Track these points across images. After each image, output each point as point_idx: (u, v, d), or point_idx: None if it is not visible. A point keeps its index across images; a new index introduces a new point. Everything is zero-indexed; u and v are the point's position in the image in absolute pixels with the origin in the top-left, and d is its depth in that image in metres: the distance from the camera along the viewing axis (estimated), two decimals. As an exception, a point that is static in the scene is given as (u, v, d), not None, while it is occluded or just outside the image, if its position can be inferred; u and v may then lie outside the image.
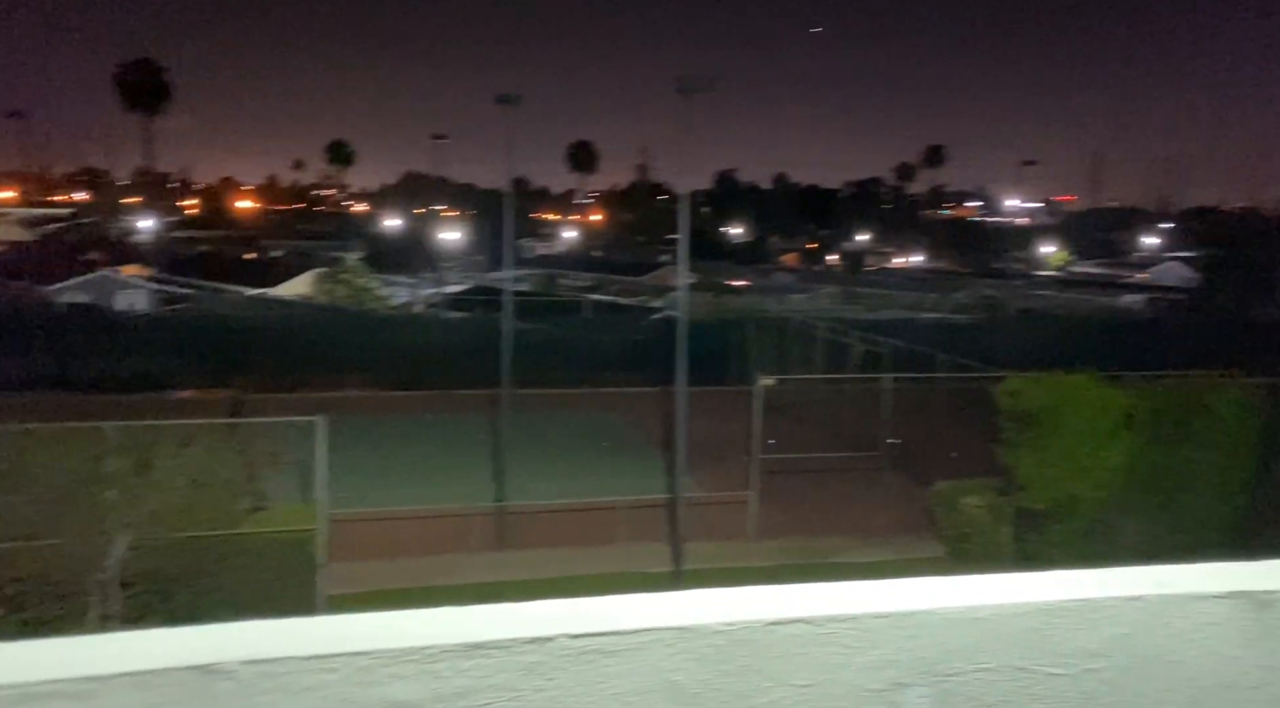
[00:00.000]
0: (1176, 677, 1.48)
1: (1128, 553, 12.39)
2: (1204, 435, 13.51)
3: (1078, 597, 1.46)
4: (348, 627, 1.20)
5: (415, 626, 1.22)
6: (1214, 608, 1.50)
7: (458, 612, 1.27)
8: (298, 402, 19.36)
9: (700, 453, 16.82)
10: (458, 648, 1.18)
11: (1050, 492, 12.98)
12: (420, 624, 1.22)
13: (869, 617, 1.39)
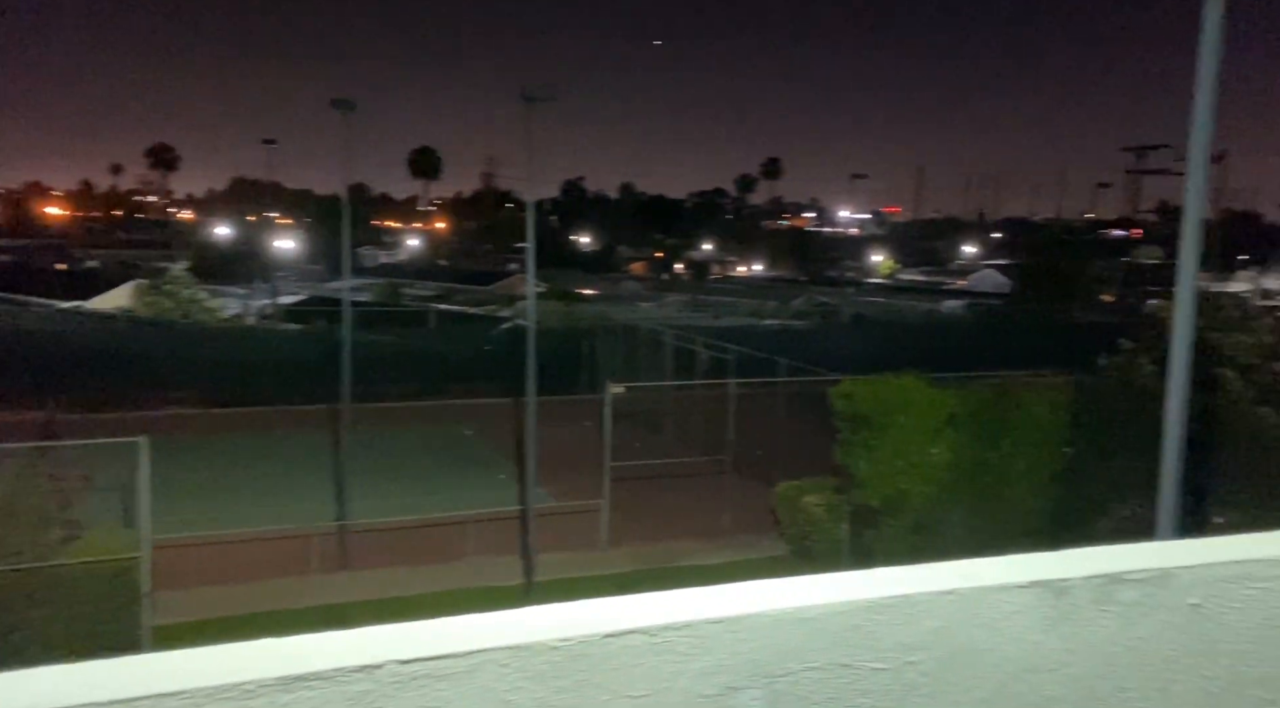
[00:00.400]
0: (986, 663, 1.58)
1: (954, 544, 13.18)
2: (1019, 432, 14.52)
3: (897, 593, 1.53)
4: (153, 666, 1.13)
5: (229, 660, 1.15)
6: (1018, 597, 1.61)
7: (277, 643, 1.20)
8: (118, 422, 18.08)
9: (552, 463, 16.75)
10: (276, 682, 1.12)
11: (883, 489, 13.65)
12: (234, 658, 1.15)
13: (703, 623, 1.42)
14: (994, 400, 14.82)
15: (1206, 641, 1.73)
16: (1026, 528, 13.83)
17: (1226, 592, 1.75)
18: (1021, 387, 15.43)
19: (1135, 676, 1.68)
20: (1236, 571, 1.76)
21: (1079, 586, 1.65)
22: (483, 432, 21.83)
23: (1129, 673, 1.67)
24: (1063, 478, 14.46)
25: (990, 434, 14.39)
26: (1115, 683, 1.66)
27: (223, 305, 36.24)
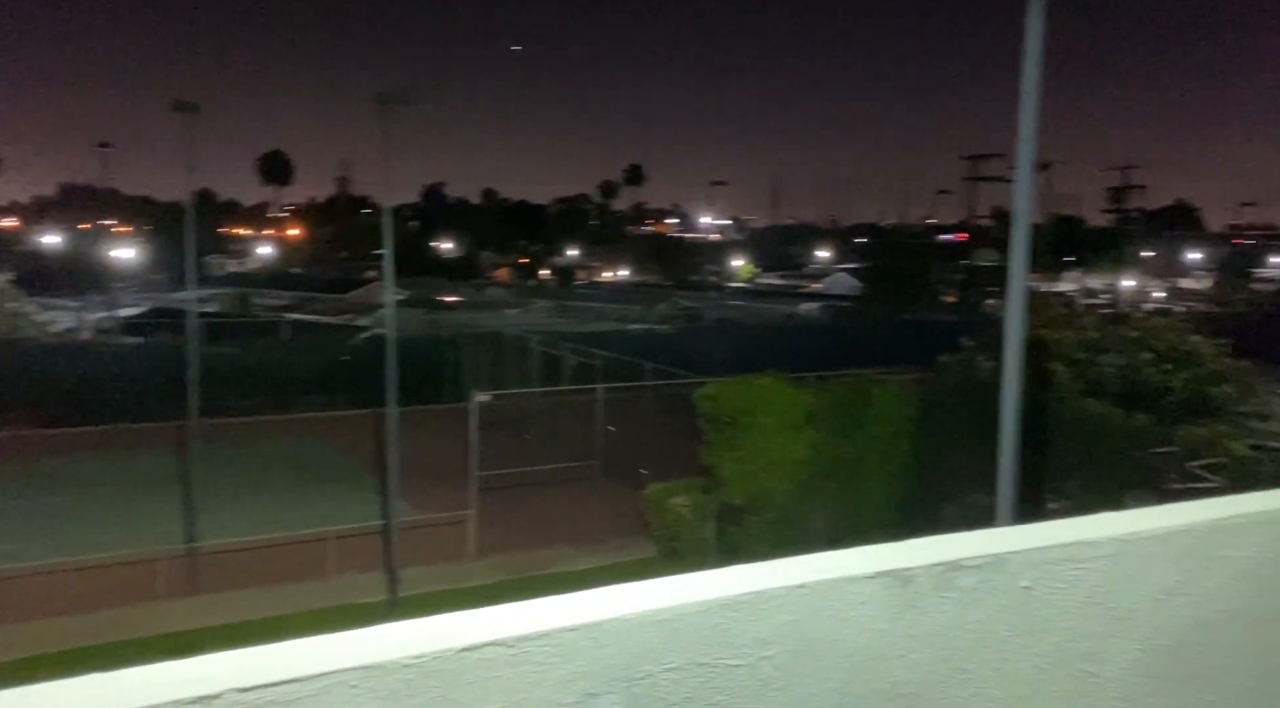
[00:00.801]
0: (836, 653, 1.63)
1: (814, 537, 13.64)
2: (871, 427, 15.14)
3: (752, 589, 1.57)
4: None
5: (49, 700, 1.06)
6: (865, 588, 1.67)
7: (104, 678, 1.12)
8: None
9: (417, 475, 16.37)
10: (102, 722, 1.05)
11: (747, 487, 13.99)
12: (52, 698, 1.07)
13: (560, 631, 1.41)
14: (848, 398, 15.41)
15: (1037, 619, 1.85)
16: (880, 519, 14.43)
17: (1053, 573, 1.87)
18: (873, 384, 16.12)
19: (974, 657, 1.77)
20: (1061, 553, 1.89)
21: (922, 574, 1.73)
22: (343, 445, 21.11)
23: (968, 655, 1.76)
24: (912, 470, 15.17)
25: (846, 431, 14.95)
26: (956, 665, 1.75)
27: (53, 320, 33.74)
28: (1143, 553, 1.97)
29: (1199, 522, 2.05)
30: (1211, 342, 15.89)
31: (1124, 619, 1.94)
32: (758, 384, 14.55)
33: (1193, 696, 2.03)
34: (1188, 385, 15.26)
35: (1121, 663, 1.93)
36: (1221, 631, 2.05)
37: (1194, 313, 35.51)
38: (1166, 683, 1.99)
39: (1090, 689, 1.90)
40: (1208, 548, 2.05)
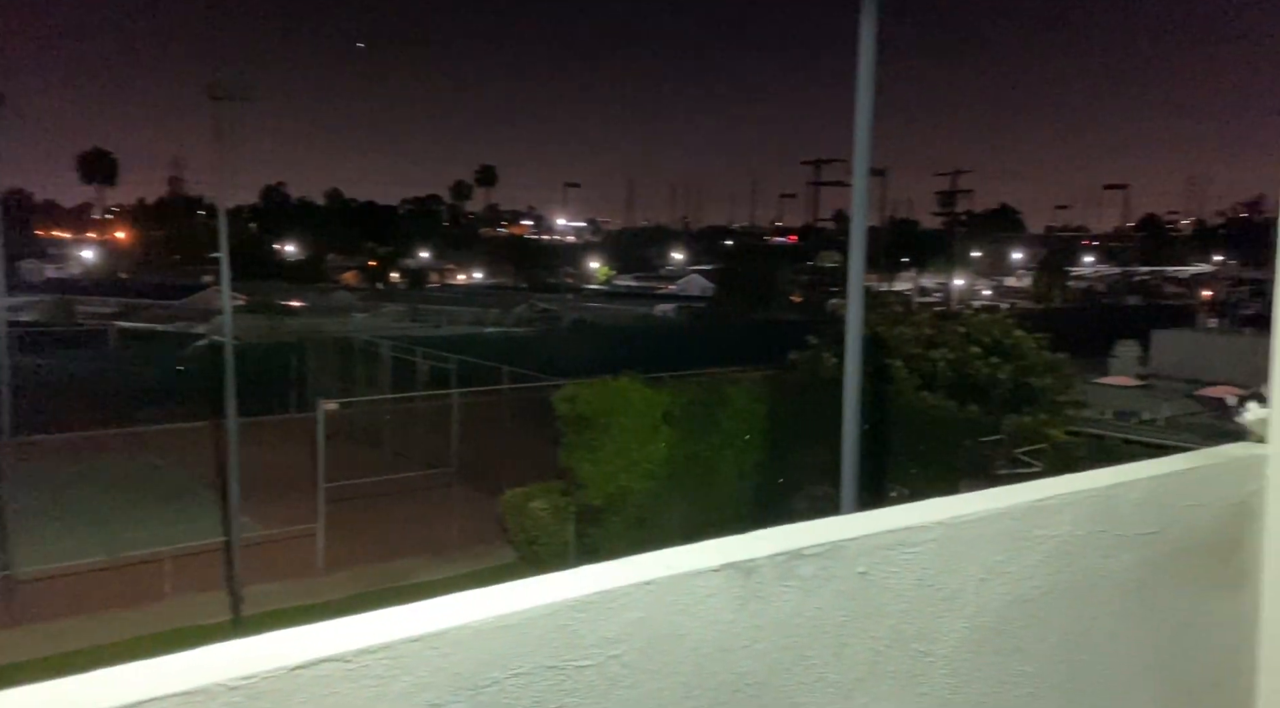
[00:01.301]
0: (683, 648, 1.65)
1: (672, 534, 13.81)
2: (725, 425, 15.51)
3: (600, 589, 1.57)
4: None
5: None
6: (711, 581, 1.70)
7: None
8: None
9: (261, 488, 15.64)
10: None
11: (606, 488, 14.06)
12: None
13: (402, 643, 1.37)
14: (704, 397, 15.74)
15: (873, 604, 1.93)
16: (736, 513, 14.80)
17: (888, 558, 1.96)
18: (727, 383, 16.52)
19: (814, 643, 1.83)
20: (894, 538, 1.98)
21: (765, 564, 1.78)
22: (179, 460, 19.93)
23: (809, 642, 1.82)
24: (765, 465, 15.63)
25: (702, 429, 15.26)
26: (797, 653, 1.81)
27: None
28: (968, 535, 2.09)
29: (1017, 504, 2.19)
30: (1033, 336, 17.08)
31: (952, 599, 2.05)
32: (615, 386, 14.65)
33: (1014, 668, 2.16)
34: (1013, 377, 16.35)
35: (950, 641, 2.04)
36: (1037, 605, 2.20)
37: (1017, 309, 38.10)
38: (990, 657, 2.12)
39: (923, 668, 2.00)
40: (1025, 528, 2.19)
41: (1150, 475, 2.48)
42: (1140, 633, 2.45)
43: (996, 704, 2.13)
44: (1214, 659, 2.68)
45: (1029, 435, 14.34)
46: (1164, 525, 2.48)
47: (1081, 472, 2.49)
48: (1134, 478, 2.44)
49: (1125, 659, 2.42)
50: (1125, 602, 2.40)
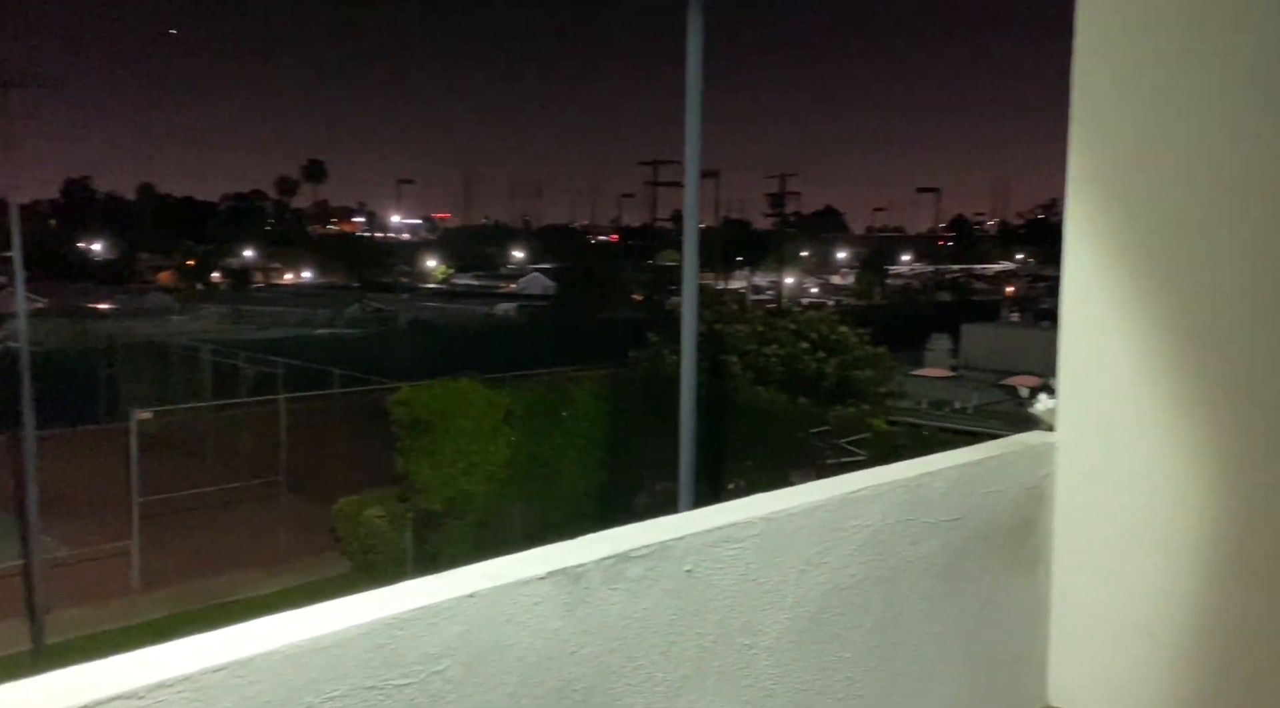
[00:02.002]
0: (510, 658, 1.64)
1: (517, 536, 13.74)
2: (569, 424, 15.52)
3: (420, 605, 1.53)
4: None
5: None
6: (538, 589, 1.69)
7: None
8: None
9: (67, 505, 14.46)
10: None
11: (445, 492, 13.79)
12: None
13: (204, 673, 1.29)
14: (546, 397, 15.69)
15: (699, 601, 1.97)
16: (580, 511, 14.83)
17: (713, 555, 2.01)
18: (569, 382, 16.54)
19: (642, 645, 1.85)
20: (718, 535, 2.03)
21: (593, 569, 1.78)
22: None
23: (637, 643, 1.84)
24: (608, 463, 15.75)
25: (544, 429, 15.21)
26: (625, 654, 1.82)
27: None
28: (788, 529, 2.17)
29: (833, 497, 2.30)
30: (856, 331, 17.96)
31: (774, 592, 2.12)
32: (454, 387, 14.38)
33: (833, 654, 2.26)
34: (838, 371, 17.15)
35: (773, 633, 2.12)
36: (853, 593, 2.31)
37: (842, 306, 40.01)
38: (811, 646, 2.21)
39: (748, 661, 2.06)
40: (840, 520, 2.29)
41: (954, 465, 2.65)
42: (947, 614, 2.61)
43: (818, 691, 2.22)
44: (1013, 634, 2.90)
45: (853, 426, 15.06)
46: (966, 512, 2.66)
47: (899, 461, 2.63)
48: (939, 468, 2.59)
49: (934, 639, 2.57)
50: (933, 585, 2.55)
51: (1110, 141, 2.89)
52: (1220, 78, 2.67)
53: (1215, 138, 2.69)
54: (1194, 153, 2.73)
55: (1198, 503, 2.73)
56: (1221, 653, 2.72)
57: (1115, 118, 2.87)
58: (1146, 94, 2.81)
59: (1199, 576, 2.74)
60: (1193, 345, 2.74)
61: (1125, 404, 2.86)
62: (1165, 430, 2.78)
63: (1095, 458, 2.92)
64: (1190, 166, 2.74)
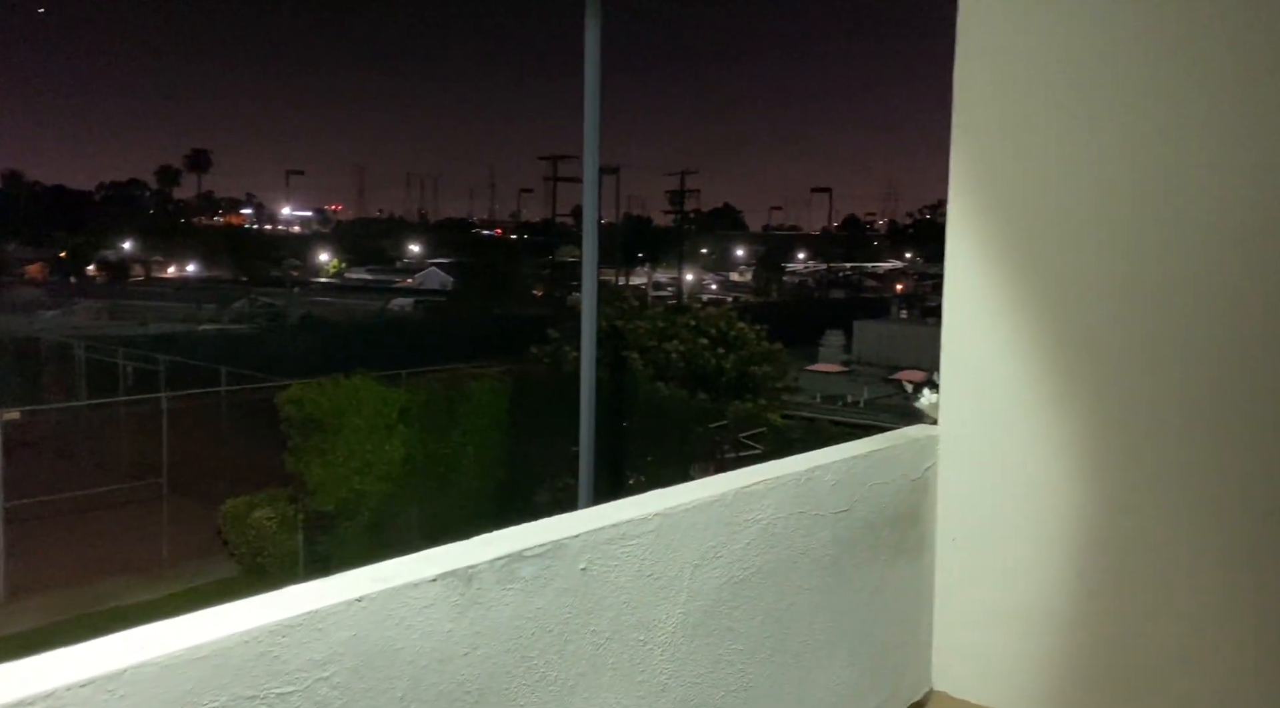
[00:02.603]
0: (400, 662, 1.60)
1: (414, 536, 13.49)
2: (467, 422, 15.31)
3: (305, 610, 1.48)
4: None
5: None
6: (429, 591, 1.66)
7: None
8: None
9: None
10: None
11: (338, 492, 13.43)
12: None
13: (68, 690, 1.22)
14: (444, 394, 15.42)
15: (594, 599, 1.97)
16: (479, 510, 14.66)
17: (608, 553, 2.01)
18: (467, 378, 16.30)
19: (536, 644, 1.84)
20: (615, 532, 2.03)
21: (485, 570, 1.76)
22: None
23: (531, 643, 1.83)
24: (508, 460, 15.61)
25: (442, 427, 14.95)
26: (519, 654, 1.81)
27: None
28: (684, 525, 2.19)
29: (727, 491, 2.33)
30: (753, 328, 18.28)
31: (669, 587, 2.14)
32: (347, 384, 14.00)
33: (727, 646, 2.30)
34: (736, 366, 17.42)
35: (668, 627, 2.13)
36: (746, 586, 2.35)
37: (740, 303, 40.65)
38: (704, 639, 2.23)
39: (642, 656, 2.07)
40: (735, 514, 2.33)
41: (843, 458, 2.72)
42: (836, 603, 2.68)
43: (711, 683, 2.25)
44: (899, 621, 2.99)
45: (751, 421, 15.33)
46: (855, 503, 2.73)
47: (794, 454, 2.69)
48: (829, 461, 2.66)
49: (824, 629, 2.64)
50: (823, 576, 2.62)
51: (989, 145, 3.01)
52: (1097, 84, 2.82)
53: (1090, 142, 2.83)
54: (1070, 156, 2.87)
55: (1070, 493, 2.88)
56: (1092, 635, 2.87)
57: (994, 122, 3.00)
58: (1024, 99, 2.94)
59: (1070, 561, 2.89)
60: (1066, 343, 2.88)
61: (1003, 399, 2.99)
62: (1040, 424, 2.92)
63: (975, 450, 3.04)
64: (1066, 170, 2.87)
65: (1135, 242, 2.76)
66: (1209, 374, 2.65)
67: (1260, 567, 2.61)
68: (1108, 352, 2.81)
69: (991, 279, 3.00)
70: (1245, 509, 2.62)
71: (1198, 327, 2.66)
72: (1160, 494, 2.74)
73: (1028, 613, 2.96)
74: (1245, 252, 2.59)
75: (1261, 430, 2.58)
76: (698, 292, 61.86)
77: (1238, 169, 2.59)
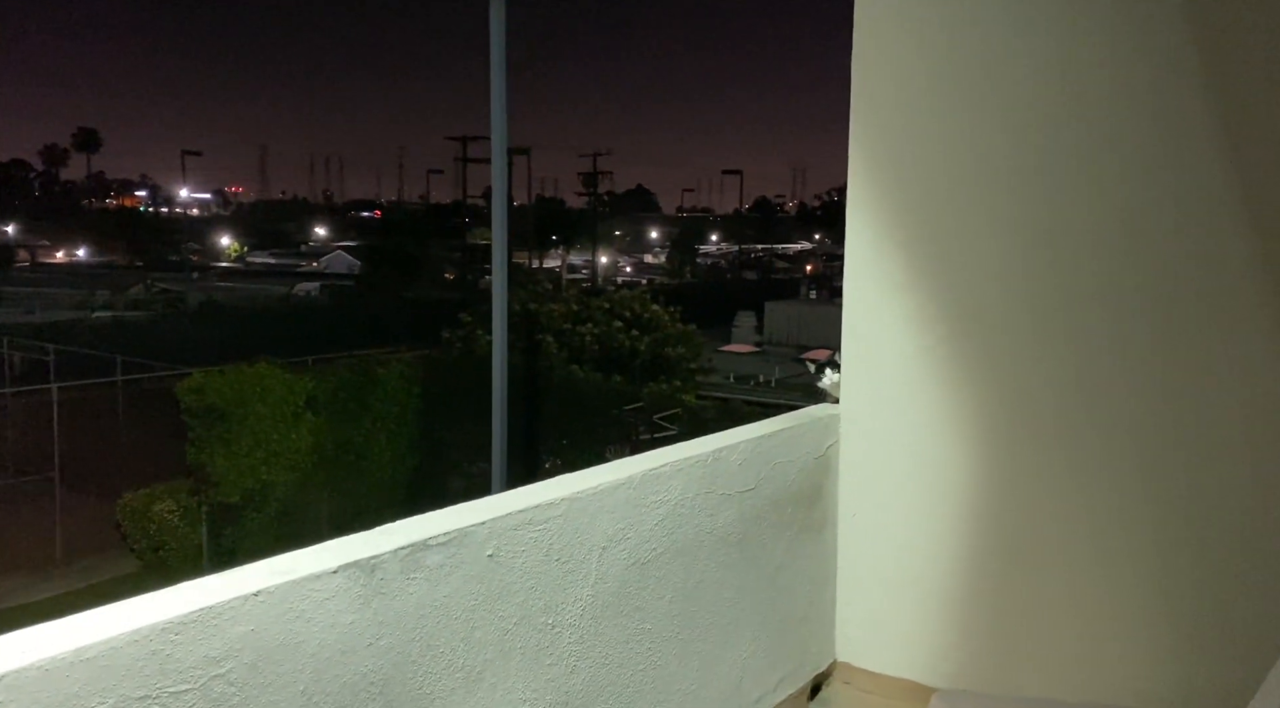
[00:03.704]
0: (301, 655, 1.58)
1: (324, 526, 13.22)
2: (377, 408, 15.04)
3: (199, 606, 1.45)
4: None
5: None
6: (330, 583, 1.64)
7: None
8: None
9: None
10: None
11: (243, 483, 13.07)
12: None
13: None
14: (352, 380, 15.10)
15: (501, 585, 1.98)
16: (391, 499, 14.44)
17: (515, 539, 2.01)
18: (377, 364, 15.99)
19: (443, 632, 1.84)
20: (522, 518, 2.04)
21: (389, 560, 1.75)
22: None
23: (437, 631, 1.83)
24: (420, 447, 15.40)
25: (351, 414, 14.65)
26: (425, 643, 1.80)
27: None
28: (591, 508, 2.21)
29: (635, 474, 2.35)
30: (667, 309, 18.39)
31: (576, 570, 2.16)
32: (250, 372, 13.59)
33: (635, 627, 2.33)
34: (651, 348, 17.52)
35: (575, 610, 2.15)
36: (654, 566, 2.38)
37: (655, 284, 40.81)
38: (613, 620, 2.26)
39: (550, 640, 2.09)
40: (642, 496, 2.35)
41: (748, 438, 2.78)
42: (743, 580, 2.74)
43: (619, 664, 2.28)
44: (803, 596, 3.08)
45: (666, 402, 15.43)
46: (760, 482, 2.79)
47: (691, 440, 2.73)
48: (735, 442, 2.71)
49: (730, 606, 2.69)
50: (729, 554, 2.67)
51: (885, 130, 3.09)
52: (988, 72, 2.91)
53: (977, 126, 2.93)
54: (959, 140, 2.96)
55: (963, 466, 2.99)
56: (985, 601, 3.00)
57: (889, 107, 3.08)
58: (917, 85, 3.03)
59: (964, 533, 3.01)
60: (959, 322, 2.99)
61: (901, 377, 3.08)
62: (935, 401, 3.03)
63: (874, 427, 3.14)
64: (956, 154, 2.97)
65: (1021, 223, 2.88)
66: (1089, 350, 2.79)
67: (1132, 531, 2.76)
68: (997, 330, 2.93)
69: (889, 260, 3.09)
70: (1118, 478, 2.77)
71: (1080, 304, 2.79)
72: (1043, 465, 2.88)
73: (926, 584, 3.08)
74: (1124, 231, 2.73)
75: (1135, 403, 2.73)
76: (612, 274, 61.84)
77: (1116, 151, 2.72)
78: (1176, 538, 2.70)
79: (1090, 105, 2.74)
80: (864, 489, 3.17)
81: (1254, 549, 2.59)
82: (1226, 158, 2.57)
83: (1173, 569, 2.71)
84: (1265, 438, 2.56)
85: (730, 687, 2.70)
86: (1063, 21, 2.77)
